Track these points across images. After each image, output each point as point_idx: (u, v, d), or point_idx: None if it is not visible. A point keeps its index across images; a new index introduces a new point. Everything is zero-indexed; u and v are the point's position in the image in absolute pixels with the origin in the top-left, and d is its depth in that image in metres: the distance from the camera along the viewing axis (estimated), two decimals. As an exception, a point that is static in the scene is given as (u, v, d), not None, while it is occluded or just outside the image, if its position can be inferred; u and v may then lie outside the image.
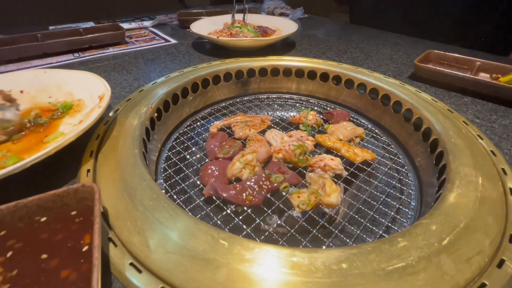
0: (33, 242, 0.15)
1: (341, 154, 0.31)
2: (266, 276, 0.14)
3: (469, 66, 0.39)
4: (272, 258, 0.15)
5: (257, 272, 0.14)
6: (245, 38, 0.47)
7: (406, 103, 0.32)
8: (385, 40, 0.55)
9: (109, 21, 0.68)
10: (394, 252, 0.15)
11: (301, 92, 0.43)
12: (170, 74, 0.38)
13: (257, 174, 0.28)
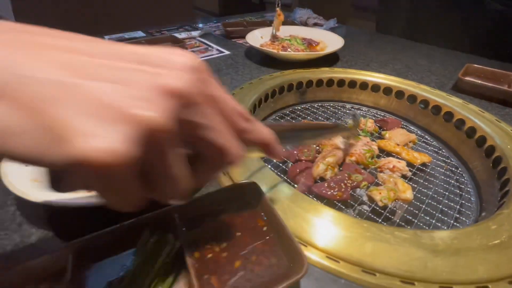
0: (227, 222, 0.20)
1: (401, 157, 0.36)
2: (401, 250, 0.19)
3: (505, 79, 0.45)
4: (401, 236, 0.20)
5: (396, 248, 0.19)
6: (301, 52, 0.52)
7: (458, 111, 0.37)
8: (419, 52, 0.60)
9: (157, 30, 0.73)
10: (490, 233, 0.20)
11: (353, 101, 0.48)
12: (242, 84, 0.44)
13: (337, 174, 0.33)
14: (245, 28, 0.70)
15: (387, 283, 0.18)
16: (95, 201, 0.20)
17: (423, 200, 0.30)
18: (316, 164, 0.33)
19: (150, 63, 0.11)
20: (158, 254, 0.17)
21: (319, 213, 0.22)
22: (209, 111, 0.12)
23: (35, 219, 0.22)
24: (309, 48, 0.58)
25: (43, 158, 0.09)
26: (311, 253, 0.20)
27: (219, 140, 0.12)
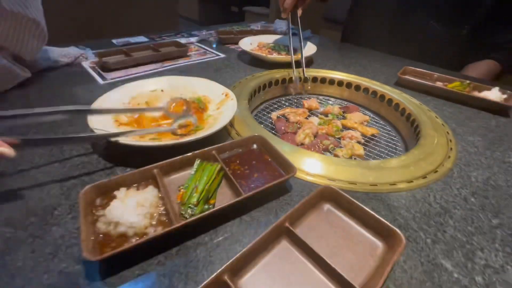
0: (246, 157, 0.32)
1: (357, 130, 0.50)
2: (350, 169, 0.33)
3: (431, 77, 0.61)
4: (351, 163, 0.33)
5: (347, 168, 0.33)
6: (283, 56, 0.66)
7: (395, 100, 0.53)
8: (374, 57, 0.77)
9: (158, 36, 0.84)
10: (401, 160, 0.34)
11: (324, 93, 0.62)
12: (239, 79, 0.56)
13: (313, 141, 0.46)
14: (235, 36, 0.83)
15: (340, 185, 0.31)
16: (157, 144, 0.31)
17: (370, 156, 0.44)
18: (298, 134, 0.47)
19: None
20: (207, 169, 0.29)
21: (305, 156, 0.35)
22: None
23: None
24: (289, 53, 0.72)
25: None
26: (299, 173, 0.32)
27: None
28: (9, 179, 0.29)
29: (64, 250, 0.23)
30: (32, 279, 0.20)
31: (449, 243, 0.26)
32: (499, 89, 0.53)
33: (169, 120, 0.40)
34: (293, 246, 0.23)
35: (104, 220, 0.23)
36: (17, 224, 0.25)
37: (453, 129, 0.45)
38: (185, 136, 0.36)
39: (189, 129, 0.37)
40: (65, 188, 0.29)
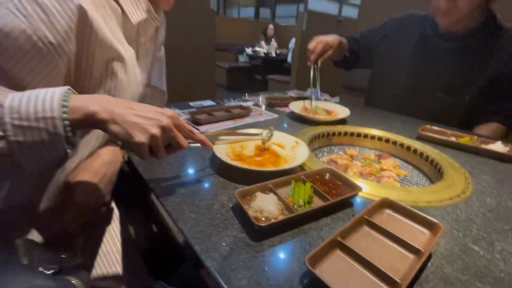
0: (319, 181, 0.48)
1: (393, 172, 0.65)
2: (393, 192, 0.47)
3: (445, 134, 0.78)
4: (395, 187, 0.48)
5: (391, 191, 0.47)
6: (326, 116, 0.86)
7: (419, 149, 0.69)
8: (396, 118, 0.96)
9: (222, 101, 1.09)
10: (427, 188, 0.49)
11: (360, 145, 0.79)
12: (296, 133, 0.75)
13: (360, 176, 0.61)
14: (280, 101, 1.06)
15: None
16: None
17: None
18: (347, 172, 0.62)
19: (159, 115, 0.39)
20: (302, 186, 0.45)
21: (362, 183, 0.50)
22: (175, 129, 0.40)
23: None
24: (328, 114, 0.92)
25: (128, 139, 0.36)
26: (361, 193, 0.47)
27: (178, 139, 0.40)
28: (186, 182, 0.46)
29: (231, 225, 0.37)
30: (218, 239, 0.35)
31: (475, 237, 0.38)
32: (501, 143, 0.69)
33: (260, 158, 0.57)
34: (372, 230, 0.37)
35: (252, 209, 0.38)
36: (204, 211, 0.40)
37: (468, 170, 0.59)
38: (279, 165, 0.52)
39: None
40: (219, 192, 0.45)
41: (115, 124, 0.35)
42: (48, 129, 0.31)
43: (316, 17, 3.25)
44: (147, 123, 0.36)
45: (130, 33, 0.51)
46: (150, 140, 0.37)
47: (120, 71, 0.47)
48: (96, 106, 0.34)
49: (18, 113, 0.30)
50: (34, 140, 0.31)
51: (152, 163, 0.54)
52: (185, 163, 0.56)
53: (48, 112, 0.31)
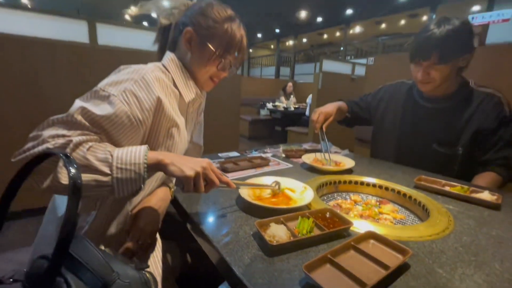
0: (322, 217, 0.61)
1: (390, 215, 0.76)
2: (393, 231, 0.59)
3: (440, 183, 0.89)
4: (397, 226, 0.60)
5: (392, 230, 0.59)
6: (333, 167, 1.01)
7: (414, 196, 0.80)
8: (398, 169, 1.08)
9: (245, 152, 1.28)
10: (419, 227, 0.60)
11: (364, 192, 0.91)
12: (307, 180, 0.90)
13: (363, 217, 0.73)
14: (295, 153, 1.24)
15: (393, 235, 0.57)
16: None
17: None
18: (349, 215, 0.74)
19: (200, 160, 0.57)
20: (306, 221, 0.58)
21: (358, 221, 0.63)
22: (211, 171, 0.57)
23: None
24: (336, 165, 1.07)
25: (180, 174, 0.53)
26: (353, 228, 0.59)
27: (212, 177, 0.57)
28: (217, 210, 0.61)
29: (252, 246, 0.51)
30: (242, 254, 0.49)
31: (442, 263, 0.48)
32: (489, 192, 0.78)
33: (275, 199, 0.72)
34: (357, 253, 0.49)
35: (267, 235, 0.53)
36: (232, 235, 0.55)
37: (454, 215, 0.69)
38: (290, 205, 0.67)
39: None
40: (243, 223, 0.59)
41: (173, 165, 0.53)
42: (135, 171, 0.50)
43: (330, 77, 3.62)
44: (193, 165, 0.55)
45: (183, 107, 0.74)
46: (195, 175, 0.54)
47: (176, 134, 0.68)
48: (162, 156, 0.54)
49: (120, 160, 0.50)
50: (126, 177, 0.50)
51: (192, 202, 0.71)
52: (217, 202, 0.72)
53: (137, 160, 0.50)
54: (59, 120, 0.50)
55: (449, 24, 0.90)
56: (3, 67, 1.70)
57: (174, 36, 0.72)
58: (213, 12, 0.67)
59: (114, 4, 8.35)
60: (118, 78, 0.57)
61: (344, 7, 7.98)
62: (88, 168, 0.47)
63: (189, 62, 0.70)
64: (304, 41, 13.75)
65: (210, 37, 0.67)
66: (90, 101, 0.54)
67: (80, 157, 0.47)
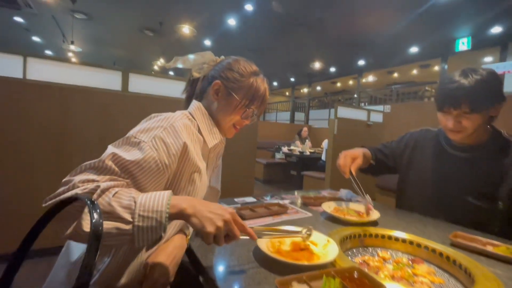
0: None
1: (427, 278, 0.67)
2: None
3: (480, 242, 0.79)
4: None
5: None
6: (357, 218, 0.95)
7: (453, 256, 0.71)
8: (427, 222, 0.99)
9: (261, 198, 1.25)
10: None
11: (392, 248, 0.83)
12: (328, 232, 0.83)
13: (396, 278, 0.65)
14: (314, 201, 1.18)
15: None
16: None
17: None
18: (379, 275, 0.66)
19: (223, 212, 0.53)
20: (332, 281, 0.52)
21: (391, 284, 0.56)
22: (233, 223, 0.53)
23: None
24: (359, 216, 1.00)
25: (201, 229, 0.50)
26: None
27: (235, 231, 0.53)
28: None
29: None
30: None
31: None
32: (541, 255, 0.68)
33: (295, 253, 0.67)
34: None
35: (290, 297, 0.47)
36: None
37: (504, 282, 0.60)
38: (312, 260, 0.61)
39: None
40: (261, 280, 0.54)
41: (195, 217, 0.51)
42: (157, 218, 0.49)
43: (346, 123, 3.66)
44: (215, 218, 0.52)
45: (205, 152, 0.75)
46: (216, 231, 0.51)
47: (197, 179, 0.68)
48: (185, 204, 0.52)
49: (143, 207, 0.49)
50: (147, 225, 0.48)
51: (207, 251, 0.67)
52: (234, 252, 0.68)
53: (159, 207, 0.49)
54: (90, 165, 0.52)
55: (477, 74, 0.90)
56: (43, 112, 1.87)
57: (203, 87, 0.78)
58: (240, 67, 0.75)
59: (145, 56, 9.36)
60: (149, 125, 0.60)
61: (356, 59, 8.44)
62: (111, 215, 0.47)
63: (215, 111, 0.75)
64: (318, 89, 14.38)
65: (237, 89, 0.73)
66: (121, 147, 0.56)
67: (105, 203, 0.47)
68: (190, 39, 7.15)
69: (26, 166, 1.83)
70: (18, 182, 1.82)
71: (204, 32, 6.83)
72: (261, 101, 0.76)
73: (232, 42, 7.35)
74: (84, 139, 2.01)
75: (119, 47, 8.61)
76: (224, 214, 0.53)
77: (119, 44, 8.30)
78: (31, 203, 1.84)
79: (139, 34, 7.11)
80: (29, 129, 1.84)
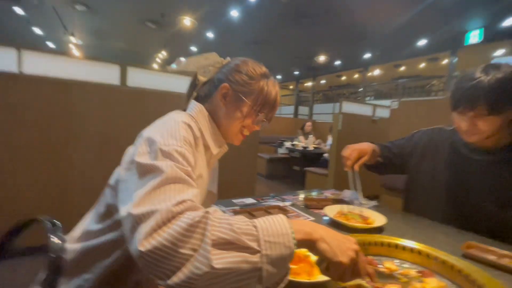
0: None
1: (437, 294, 0.62)
2: (435, 321, 0.46)
3: (495, 254, 0.73)
4: (434, 316, 0.47)
5: (432, 318, 0.46)
6: (362, 224, 0.89)
7: (466, 269, 0.65)
8: (438, 229, 0.93)
9: (261, 198, 1.20)
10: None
11: (398, 257, 0.78)
12: (330, 240, 0.78)
13: (399, 297, 0.59)
14: (317, 203, 1.13)
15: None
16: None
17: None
18: None
19: (350, 240, 0.48)
20: None
21: (395, 304, 0.50)
22: (361, 262, 0.47)
23: None
24: (364, 221, 0.95)
25: (333, 257, 0.44)
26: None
27: (362, 270, 0.47)
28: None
29: None
30: None
31: None
32: None
33: (294, 266, 0.62)
34: None
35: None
36: None
37: (525, 303, 0.54)
38: (313, 276, 0.56)
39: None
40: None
41: (324, 243, 0.43)
42: (285, 244, 0.38)
43: (351, 118, 3.57)
44: (347, 247, 0.44)
45: (208, 157, 0.70)
46: (350, 262, 0.43)
47: (200, 185, 0.63)
48: (308, 229, 0.43)
49: (266, 231, 0.37)
50: (277, 254, 0.37)
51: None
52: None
53: (284, 230, 0.39)
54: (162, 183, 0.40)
55: (499, 72, 0.80)
56: (41, 106, 1.83)
57: (208, 90, 0.72)
58: (249, 69, 0.68)
59: (147, 49, 9.27)
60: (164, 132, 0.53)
61: (362, 52, 8.25)
62: (235, 245, 0.35)
63: (222, 116, 0.69)
64: (322, 82, 14.18)
65: (247, 93, 0.68)
66: (162, 158, 0.46)
67: (226, 230, 0.35)
68: (192, 31, 7.03)
69: (22, 163, 1.80)
70: (15, 179, 1.80)
71: (206, 24, 6.71)
72: (272, 106, 0.71)
73: (235, 35, 7.21)
74: (83, 135, 1.97)
75: (120, 39, 8.52)
76: (352, 244, 0.46)
77: (120, 36, 8.21)
78: (27, 200, 1.82)
79: (140, 26, 7.01)
80: (24, 125, 1.80)
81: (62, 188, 1.91)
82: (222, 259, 0.33)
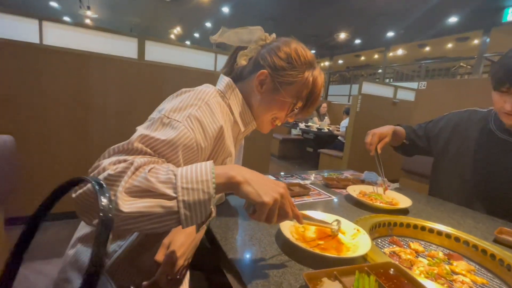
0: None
1: (467, 277, 0.60)
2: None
3: (529, 240, 0.70)
4: (470, 297, 0.46)
5: None
6: (387, 205, 0.87)
7: (498, 255, 0.63)
8: (466, 214, 0.90)
9: (280, 175, 1.19)
10: None
11: (425, 240, 0.76)
12: (355, 219, 0.77)
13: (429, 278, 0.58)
14: (337, 182, 1.11)
15: None
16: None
17: None
18: (413, 270, 0.60)
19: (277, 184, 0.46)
20: (366, 278, 0.46)
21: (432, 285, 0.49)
22: (287, 202, 0.46)
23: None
24: (388, 202, 0.93)
25: (255, 199, 0.43)
26: None
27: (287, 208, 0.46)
28: (247, 261, 0.52)
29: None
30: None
31: None
32: None
33: (322, 242, 0.62)
34: None
35: (321, 293, 0.42)
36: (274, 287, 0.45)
37: None
38: (342, 252, 0.55)
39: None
40: (286, 271, 0.50)
41: (248, 185, 0.43)
42: (203, 190, 0.40)
43: (369, 99, 3.44)
44: (271, 189, 0.44)
45: (234, 134, 0.68)
46: (273, 202, 0.44)
47: (229, 163, 0.62)
48: (233, 172, 0.44)
49: (185, 179, 0.40)
50: (194, 199, 0.40)
51: (227, 231, 0.63)
52: (254, 236, 0.63)
53: (204, 177, 0.41)
54: (119, 149, 0.46)
55: None
56: (59, 79, 1.85)
57: (246, 70, 0.67)
58: (293, 56, 0.62)
59: (162, 24, 9.10)
60: (181, 103, 0.53)
61: (384, 30, 7.78)
62: (151, 193, 0.40)
63: (254, 104, 0.66)
64: (339, 62, 13.62)
65: (287, 84, 0.63)
66: (151, 127, 0.50)
67: (141, 180, 0.40)
68: (208, 6, 6.80)
69: (42, 133, 1.86)
70: (36, 148, 1.86)
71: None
72: (314, 100, 0.66)
73: (251, 10, 6.93)
74: (101, 107, 1.99)
75: (135, 13, 8.39)
76: (278, 187, 0.46)
77: (135, 10, 8.07)
78: (49, 169, 1.90)
79: (156, 0, 6.84)
80: (45, 95, 1.83)
81: (82, 154, 1.96)
82: (132, 204, 0.38)
